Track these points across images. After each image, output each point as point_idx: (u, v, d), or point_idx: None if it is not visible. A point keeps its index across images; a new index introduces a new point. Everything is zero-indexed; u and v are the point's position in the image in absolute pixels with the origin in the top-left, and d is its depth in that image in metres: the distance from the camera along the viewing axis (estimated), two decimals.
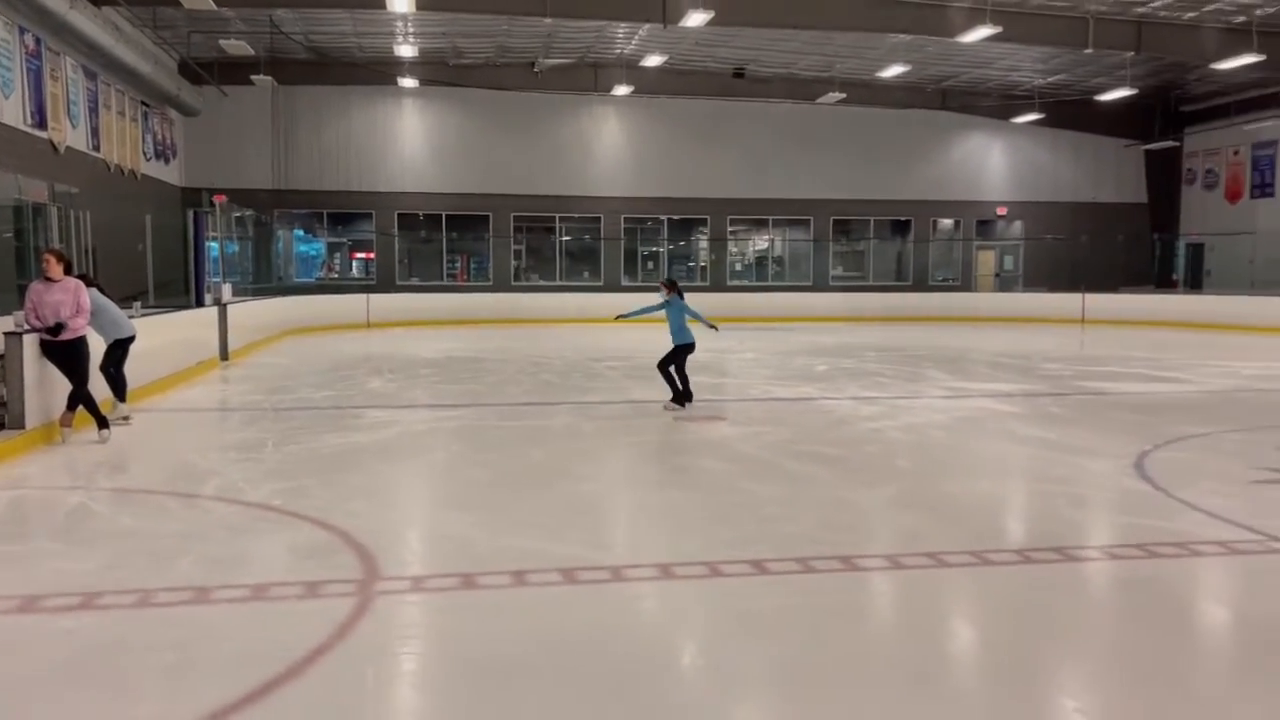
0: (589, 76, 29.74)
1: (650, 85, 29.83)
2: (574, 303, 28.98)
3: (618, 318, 11.73)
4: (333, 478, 7.10)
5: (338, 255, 32.89)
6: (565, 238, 32.17)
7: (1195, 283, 32.51)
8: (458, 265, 32.36)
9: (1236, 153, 31.92)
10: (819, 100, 30.04)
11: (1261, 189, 31.03)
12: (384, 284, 29.72)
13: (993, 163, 33.83)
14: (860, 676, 3.74)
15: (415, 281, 30.72)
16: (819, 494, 6.68)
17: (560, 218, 31.57)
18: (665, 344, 10.59)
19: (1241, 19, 23.34)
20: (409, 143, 30.31)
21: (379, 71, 28.44)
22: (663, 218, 32.26)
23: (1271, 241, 28.48)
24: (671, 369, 10.44)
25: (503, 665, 3.77)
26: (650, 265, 33.47)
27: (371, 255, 31.24)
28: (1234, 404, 11.33)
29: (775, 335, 23.49)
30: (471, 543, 5.40)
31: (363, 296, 26.56)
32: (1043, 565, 5.14)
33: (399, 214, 30.45)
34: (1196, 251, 33.09)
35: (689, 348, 10.50)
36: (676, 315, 10.51)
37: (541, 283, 31.59)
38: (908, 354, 18.12)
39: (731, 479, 7.17)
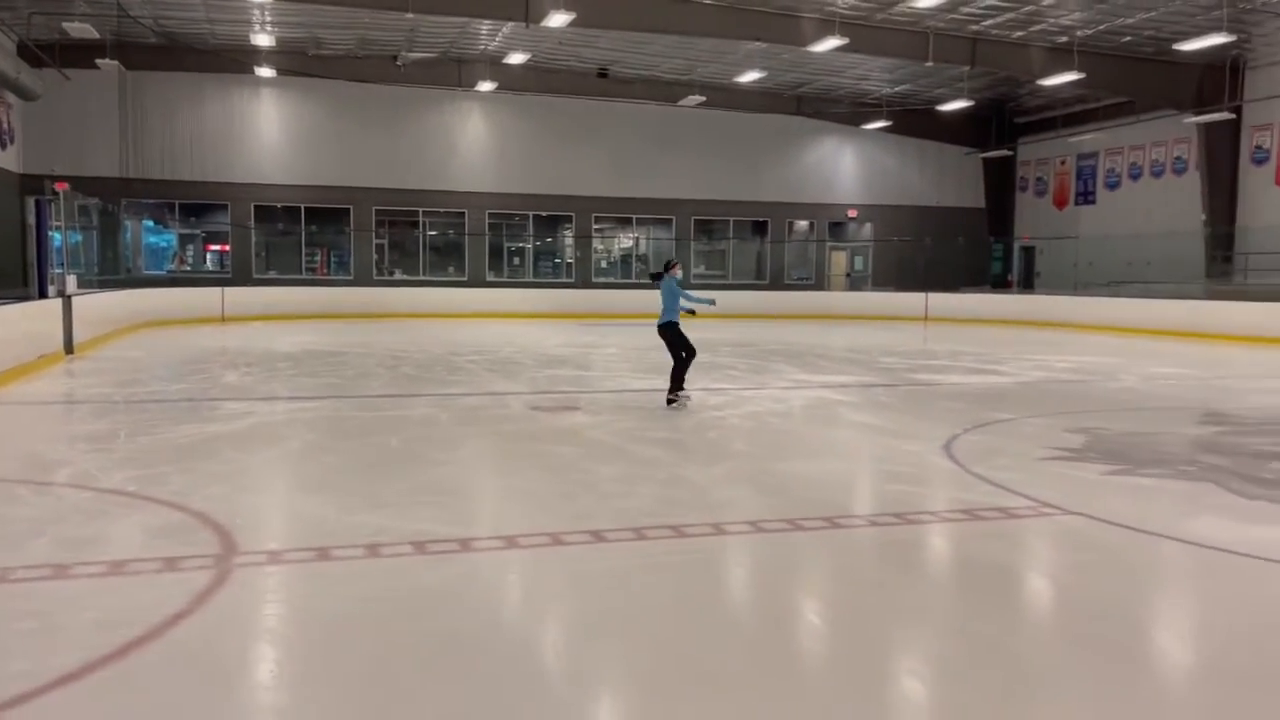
0: (453, 71, 29.79)
1: (515, 82, 30.10)
2: (438, 298, 29.01)
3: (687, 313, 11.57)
4: (189, 465, 7.24)
5: (190, 247, 31.91)
6: (430, 232, 32.12)
7: (1028, 283, 34.84)
8: (318, 259, 31.87)
9: (1063, 163, 34.39)
10: (680, 102, 30.90)
11: (1084, 197, 33.53)
12: (240, 277, 29.07)
13: (844, 167, 35.44)
14: (675, 622, 4.26)
15: (273, 275, 30.14)
16: (658, 473, 7.23)
17: (424, 212, 31.50)
18: (536, 339, 10.96)
19: (1064, 39, 25.27)
20: (266, 133, 29.69)
21: (235, 60, 27.76)
22: (528, 214, 32.57)
23: (1092, 246, 30.86)
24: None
25: (354, 623, 4.14)
26: (516, 261, 33.72)
27: (226, 247, 30.46)
28: (1040, 394, 12.50)
29: (638, 331, 24.12)
30: (326, 520, 5.71)
31: (217, 290, 25.96)
32: (848, 530, 5.81)
33: (256, 206, 29.80)
34: (1028, 254, 35.46)
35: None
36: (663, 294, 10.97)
37: (405, 277, 31.44)
38: (760, 349, 19.00)
39: (578, 461, 7.65)
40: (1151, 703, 3.56)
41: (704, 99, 30.37)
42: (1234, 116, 26.62)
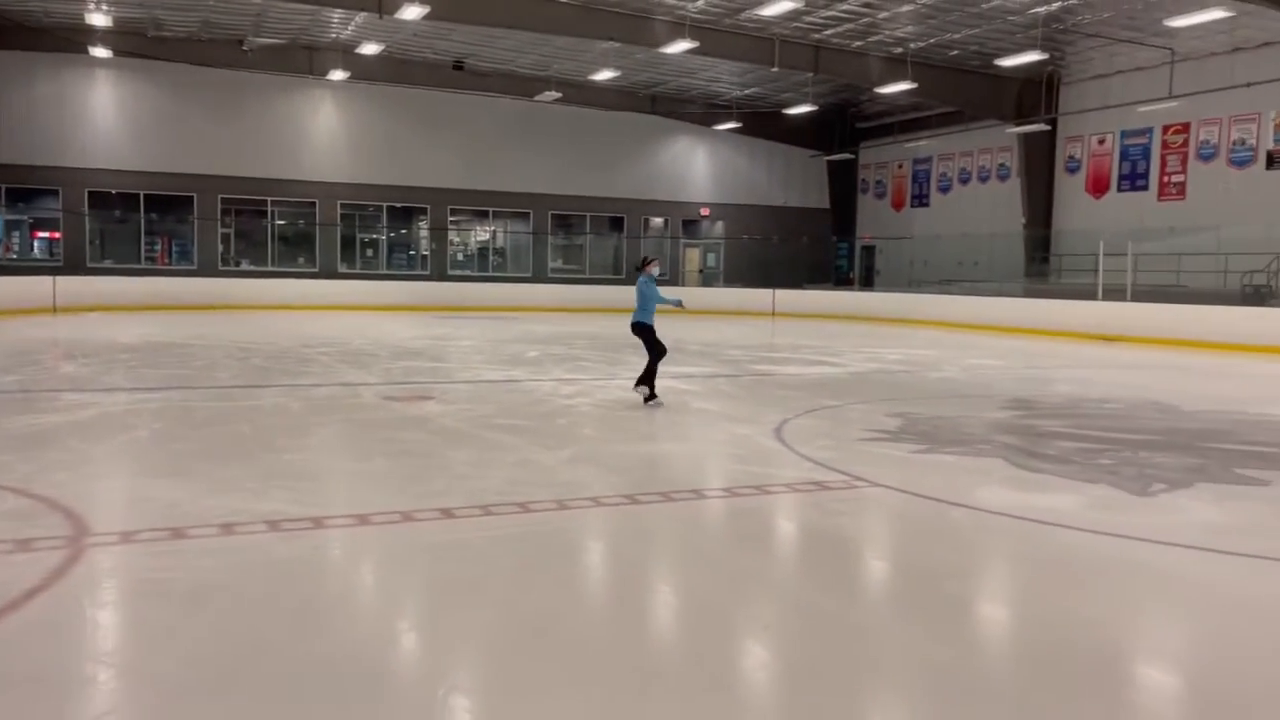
0: (303, 59, 29.22)
1: (369, 72, 29.75)
2: (289, 289, 28.44)
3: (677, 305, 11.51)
4: (30, 454, 7.19)
5: (16, 234, 30.22)
6: (279, 222, 31.38)
7: (868, 281, 36.69)
8: (158, 248, 30.72)
9: (900, 166, 36.37)
10: (537, 98, 31.20)
11: (919, 199, 35.56)
12: (72, 266, 27.74)
13: (697, 166, 36.47)
14: (518, 586, 4.67)
15: (109, 264, 28.87)
16: (508, 457, 7.61)
17: (273, 201, 30.76)
18: (389, 332, 11.12)
19: (899, 50, 26.82)
20: (102, 117, 28.42)
21: (68, 40, 26.46)
22: (382, 205, 32.24)
23: (925, 245, 32.79)
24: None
25: (207, 592, 4.38)
26: (369, 253, 33.32)
27: (57, 235, 29.00)
28: (868, 383, 13.47)
29: (494, 324, 24.32)
30: (179, 503, 5.86)
31: (47, 279, 24.72)
32: (678, 503, 6.34)
33: (90, 191, 28.51)
34: (869, 253, 37.34)
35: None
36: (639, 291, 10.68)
37: (252, 268, 30.65)
38: (614, 342, 19.54)
39: (430, 447, 7.96)
40: (941, 640, 4.20)
41: (560, 95, 30.76)
42: (1050, 128, 28.85)
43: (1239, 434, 9.39)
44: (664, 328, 11.23)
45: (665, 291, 11.16)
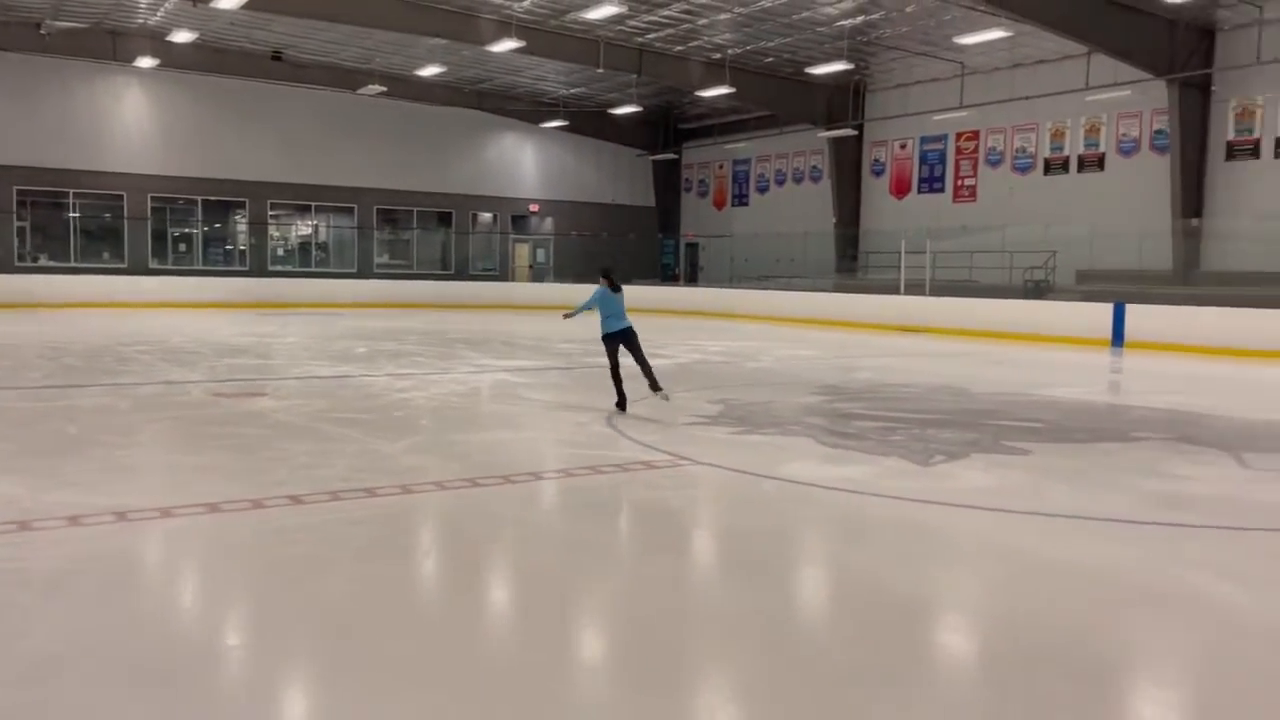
0: (106, 44, 27.75)
1: (181, 60, 28.55)
2: (96, 286, 27.00)
3: (565, 316, 10.44)
4: None
5: None
6: (77, 215, 29.61)
7: (692, 277, 37.97)
8: None
9: (721, 167, 37.80)
10: (360, 91, 30.73)
11: (740, 199, 37.07)
12: None
13: (526, 163, 36.76)
14: (367, 559, 5.02)
15: None
16: (348, 448, 7.85)
17: (75, 194, 29.05)
18: (209, 329, 11.01)
19: (718, 56, 27.99)
20: None
21: None
22: (197, 199, 30.97)
23: (745, 243, 34.24)
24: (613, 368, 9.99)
25: (62, 578, 4.53)
26: (183, 248, 31.97)
27: None
28: (692, 373, 14.25)
29: (319, 320, 23.93)
30: (18, 499, 5.85)
31: None
32: (519, 485, 6.79)
33: None
34: (693, 250, 38.65)
35: (611, 337, 9.92)
36: (610, 304, 9.91)
37: (52, 264, 28.86)
38: (445, 337, 19.71)
39: (269, 440, 8.09)
40: (756, 590, 4.81)
41: (385, 89, 30.41)
42: (856, 133, 30.76)
43: (1013, 412, 10.63)
44: (493, 323, 11.52)
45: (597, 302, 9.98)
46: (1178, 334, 18.61)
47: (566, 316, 10.27)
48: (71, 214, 29.33)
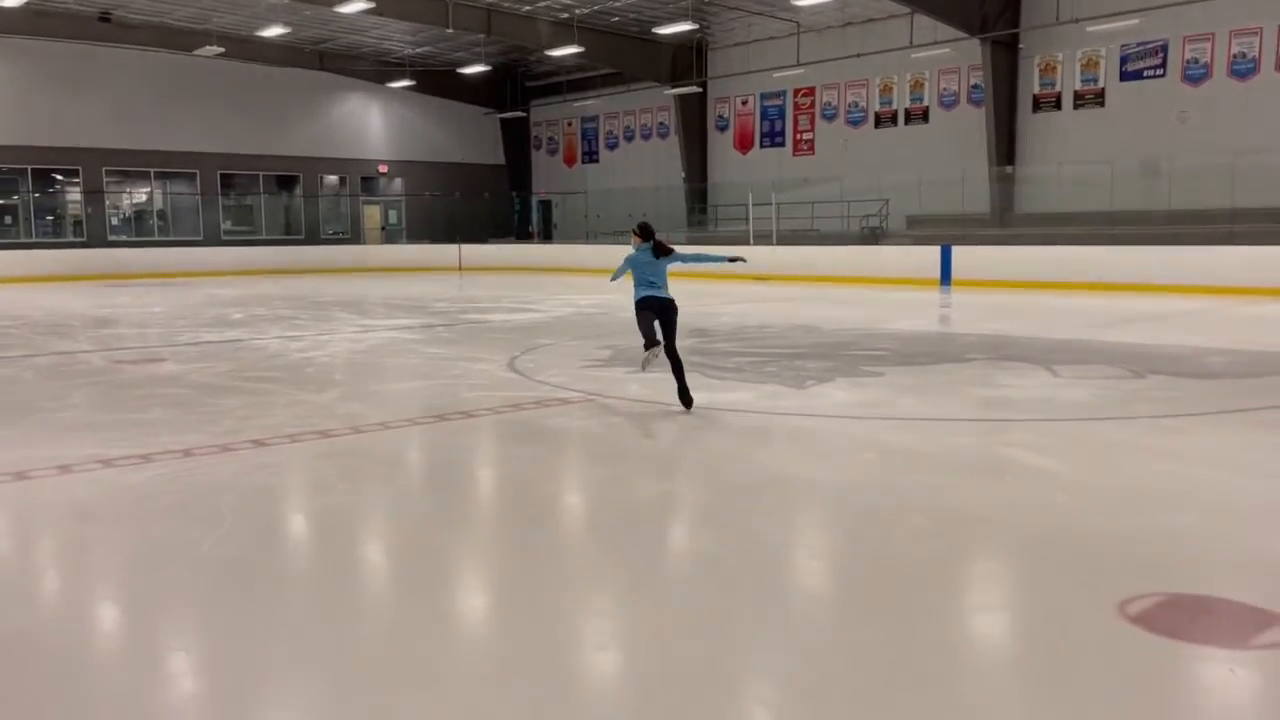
0: None
1: (3, 24, 26.98)
2: None
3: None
4: None
5: None
6: None
7: (547, 234, 38.64)
8: None
9: (570, 124, 38.45)
10: (196, 52, 29.81)
11: (590, 156, 37.86)
12: None
13: (372, 124, 36.42)
14: (348, 480, 5.79)
15: None
16: (279, 400, 8.45)
17: None
18: (62, 303, 11.16)
19: (566, 15, 28.59)
20: None
21: None
22: (25, 168, 29.47)
23: (598, 199, 35.13)
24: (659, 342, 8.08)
25: (93, 511, 5.14)
26: (8, 219, 30.40)
27: None
28: (571, 324, 15.19)
29: (173, 290, 23.53)
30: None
31: None
32: (456, 422, 7.61)
33: None
34: (546, 207, 39.27)
35: (640, 304, 8.40)
36: (642, 269, 8.43)
37: None
38: (313, 301, 19.91)
39: (198, 398, 8.58)
40: (666, 480, 5.85)
41: (222, 50, 29.60)
42: (701, 90, 32.00)
43: (863, 344, 12.08)
44: (356, 286, 12.09)
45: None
46: (997, 271, 20.77)
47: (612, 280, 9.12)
48: None
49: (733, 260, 8.86)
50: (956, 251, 21.66)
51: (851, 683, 3.26)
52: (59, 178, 31.14)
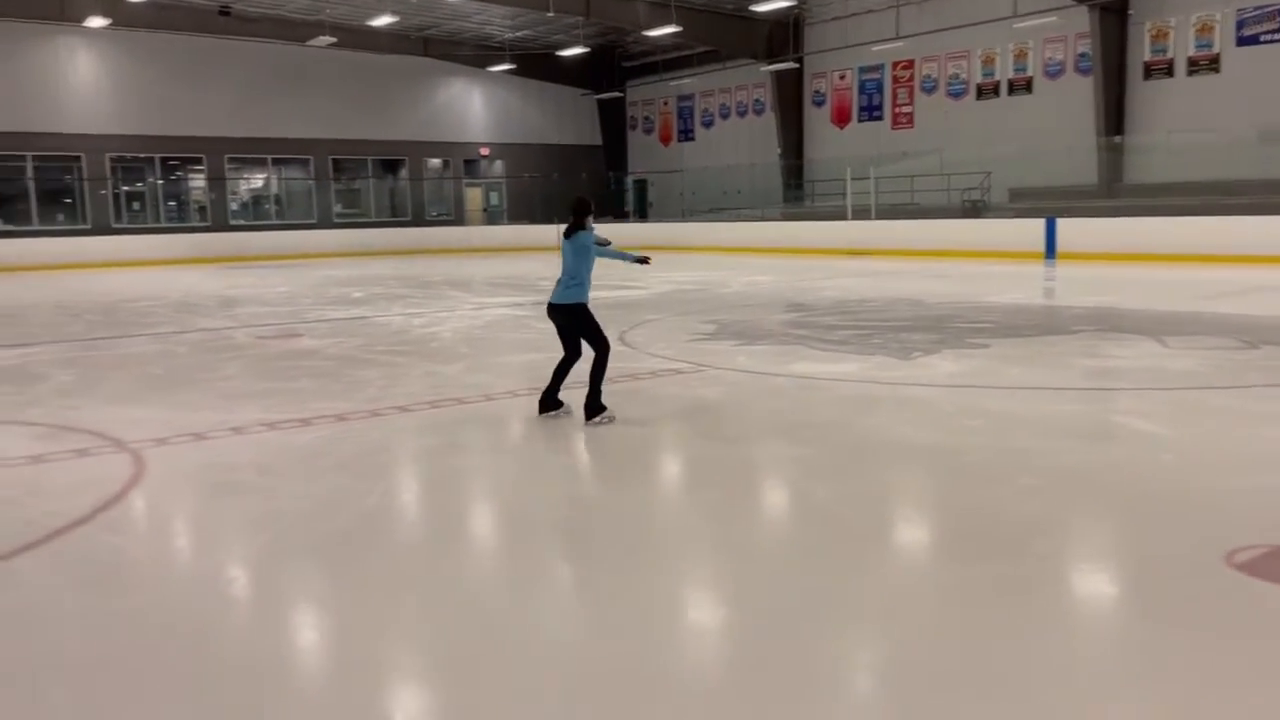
0: (54, 5, 27.66)
1: (130, 18, 28.59)
2: (60, 248, 27.29)
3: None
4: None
5: None
6: (33, 178, 29.66)
7: (642, 213, 39.06)
8: None
9: (666, 103, 38.72)
10: (309, 43, 30.99)
11: (685, 134, 38.09)
12: None
13: (474, 107, 37.31)
14: (497, 437, 6.31)
15: None
16: (413, 371, 9.08)
17: (33, 157, 29.11)
18: (193, 284, 11.96)
19: None
20: None
21: None
22: (154, 156, 31.16)
23: (694, 177, 35.38)
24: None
25: (271, 468, 5.77)
26: (136, 206, 32.16)
27: None
28: (673, 300, 15.59)
29: (292, 271, 24.70)
30: (171, 420, 7.01)
31: None
32: (580, 390, 8.11)
33: None
34: (641, 187, 39.68)
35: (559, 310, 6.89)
36: (576, 257, 6.76)
37: (11, 228, 28.98)
38: (424, 281, 20.74)
39: (339, 370, 9.26)
40: (795, 444, 6.22)
41: (335, 40, 30.73)
42: (797, 66, 31.93)
43: (967, 317, 12.19)
44: (462, 266, 12.57)
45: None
46: (1104, 243, 20.40)
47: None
48: (29, 177, 29.39)
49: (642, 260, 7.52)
50: (1061, 224, 21.34)
51: (961, 623, 3.61)
52: (183, 166, 32.79)
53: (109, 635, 3.61)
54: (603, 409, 6.76)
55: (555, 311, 6.94)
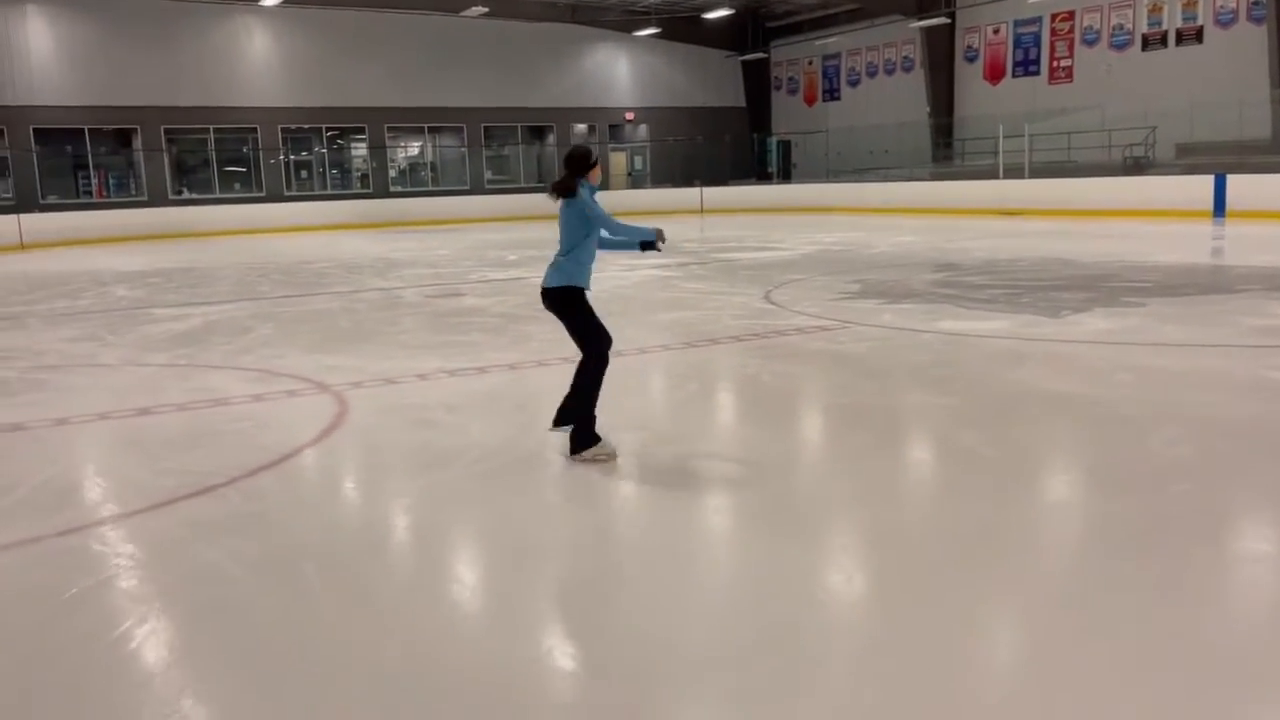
0: None
1: None
2: (238, 214, 29.32)
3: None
4: (192, 350, 8.97)
5: None
6: (216, 150, 31.89)
7: (786, 174, 38.89)
8: (93, 182, 31.09)
9: (811, 63, 38.32)
10: (463, 14, 32.08)
11: (830, 94, 37.64)
12: (24, 203, 28.13)
13: (619, 72, 37.83)
14: (658, 380, 6.80)
15: (53, 200, 29.26)
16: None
17: (215, 130, 31.32)
18: (360, 248, 12.76)
19: None
20: (39, 54, 28.50)
21: None
22: (320, 127, 32.99)
23: (839, 137, 34.99)
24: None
25: (462, 408, 6.43)
26: (303, 174, 34.11)
27: None
28: (817, 261, 15.76)
29: (448, 235, 25.87)
30: (363, 367, 7.80)
31: (12, 217, 25.28)
32: (727, 345, 8.52)
33: (34, 129, 28.71)
34: (785, 147, 39.47)
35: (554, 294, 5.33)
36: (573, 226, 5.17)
37: (196, 196, 31.30)
38: None
39: (506, 325, 9.95)
40: (945, 394, 6.48)
41: (486, 10, 31.70)
42: (949, 21, 31.09)
43: (1124, 276, 11.96)
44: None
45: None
46: (1278, 202, 19.33)
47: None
48: (211, 149, 31.63)
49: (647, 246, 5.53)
50: (1232, 180, 20.31)
51: (1102, 548, 3.87)
52: (346, 136, 34.56)
53: (343, 534, 4.27)
54: (595, 440, 5.09)
55: (546, 299, 5.24)
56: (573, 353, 5.38)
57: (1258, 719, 2.70)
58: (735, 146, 38.66)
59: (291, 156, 33.21)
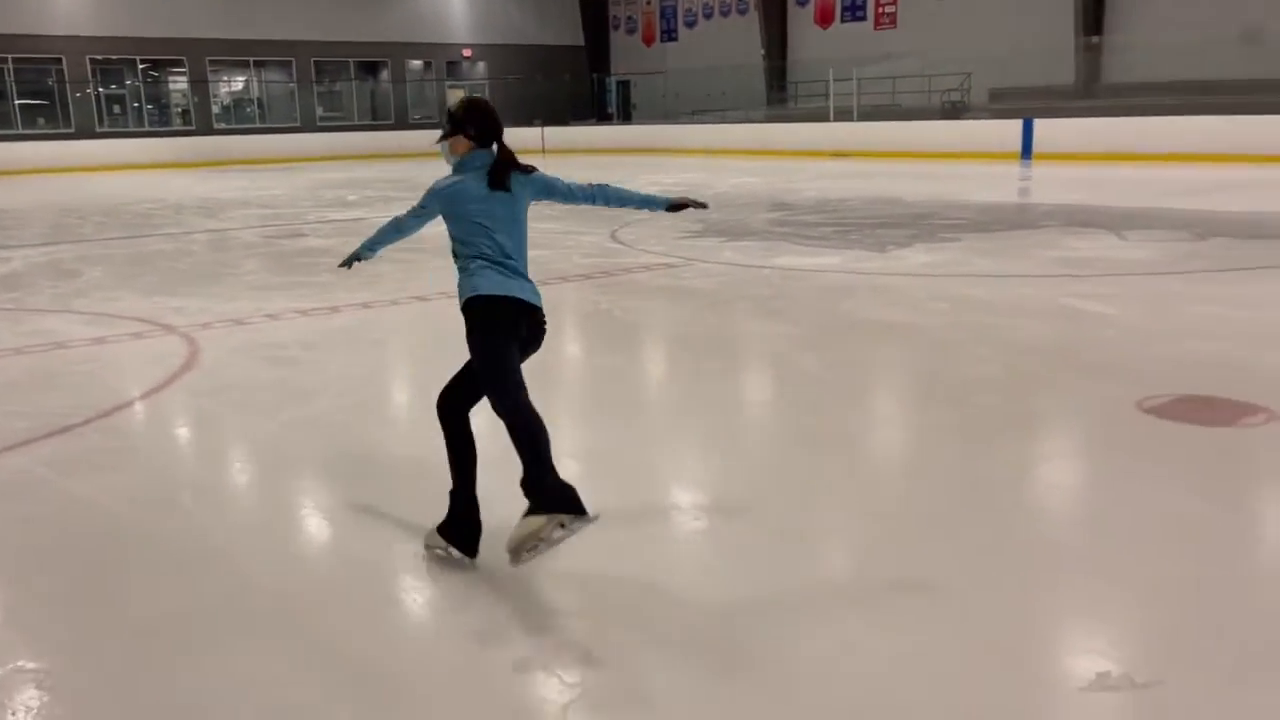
0: None
1: None
2: (44, 152, 27.37)
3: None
4: (21, 294, 8.56)
5: None
6: (14, 81, 29.44)
7: (626, 115, 39.03)
8: None
9: (649, 3, 38.40)
10: None
11: (668, 34, 37.91)
12: None
13: (455, 7, 36.92)
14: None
15: None
16: (425, 267, 9.69)
17: (14, 59, 28.87)
18: (182, 188, 12.39)
19: None
20: None
21: None
22: (135, 58, 30.91)
23: (678, 78, 35.33)
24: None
25: (341, 344, 6.46)
26: (117, 109, 32.00)
27: None
28: None
29: (281, 175, 24.94)
30: (209, 308, 7.66)
31: None
32: (580, 282, 8.78)
33: None
34: (625, 88, 39.56)
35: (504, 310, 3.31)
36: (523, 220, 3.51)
37: None
38: (414, 184, 20.91)
39: (377, 265, 9.85)
40: (780, 322, 6.95)
41: None
42: None
43: (942, 214, 12.85)
44: (433, 171, 13.05)
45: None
46: (1080, 144, 20.94)
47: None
48: (9, 80, 29.18)
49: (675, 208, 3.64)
50: (1039, 124, 21.82)
51: (927, 455, 4.39)
52: (163, 69, 32.50)
53: (223, 465, 4.34)
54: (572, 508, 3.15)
55: (535, 317, 3.40)
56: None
57: (1051, 584, 3.22)
58: (575, 86, 38.49)
59: (102, 90, 31.02)
